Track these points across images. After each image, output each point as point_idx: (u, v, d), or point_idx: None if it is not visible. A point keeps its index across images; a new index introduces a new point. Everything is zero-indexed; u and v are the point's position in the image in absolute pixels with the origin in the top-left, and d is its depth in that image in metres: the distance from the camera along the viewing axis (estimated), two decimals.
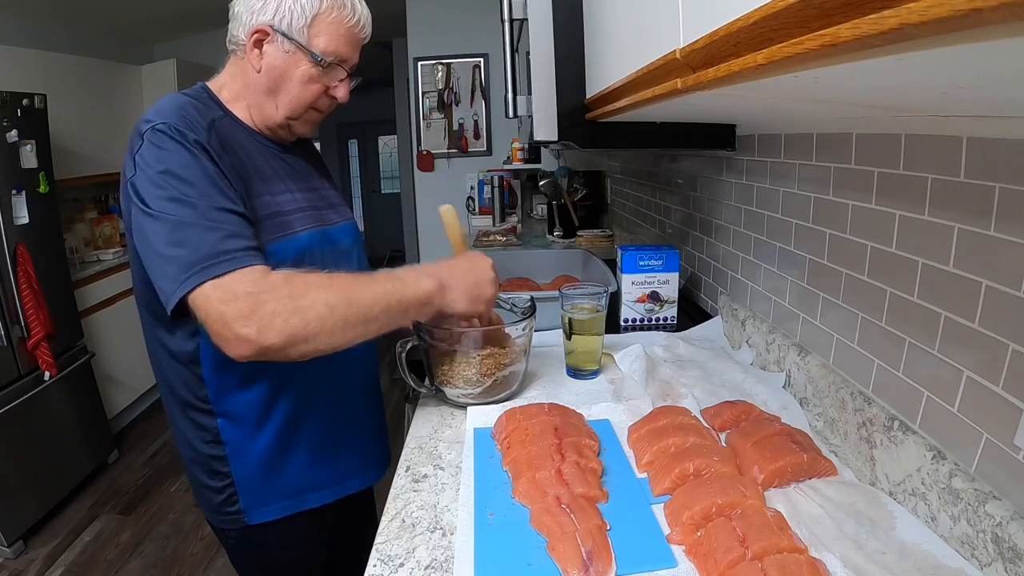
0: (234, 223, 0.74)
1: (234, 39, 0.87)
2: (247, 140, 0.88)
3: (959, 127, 0.61)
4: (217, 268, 0.70)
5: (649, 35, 0.60)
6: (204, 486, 0.92)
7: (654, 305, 1.33)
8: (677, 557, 0.63)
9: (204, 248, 0.70)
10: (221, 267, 0.70)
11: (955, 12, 0.20)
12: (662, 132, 1.08)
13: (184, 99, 0.84)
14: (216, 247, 0.71)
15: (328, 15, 0.84)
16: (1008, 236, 0.56)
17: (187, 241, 0.71)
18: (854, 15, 0.26)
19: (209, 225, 0.72)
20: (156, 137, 0.75)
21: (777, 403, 0.93)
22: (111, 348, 2.92)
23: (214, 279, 0.70)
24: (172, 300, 0.71)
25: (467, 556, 0.64)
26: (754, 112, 0.87)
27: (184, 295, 0.70)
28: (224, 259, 0.70)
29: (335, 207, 1.00)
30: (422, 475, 0.81)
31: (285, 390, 0.90)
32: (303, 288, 0.72)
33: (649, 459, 0.79)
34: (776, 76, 0.39)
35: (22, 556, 2.16)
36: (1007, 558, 0.54)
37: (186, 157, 0.75)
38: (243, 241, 0.73)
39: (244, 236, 0.74)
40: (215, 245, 0.71)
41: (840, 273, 0.86)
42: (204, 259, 0.70)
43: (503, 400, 0.98)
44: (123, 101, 3.38)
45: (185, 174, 0.74)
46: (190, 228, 0.71)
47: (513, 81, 1.18)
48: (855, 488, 0.73)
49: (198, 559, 2.13)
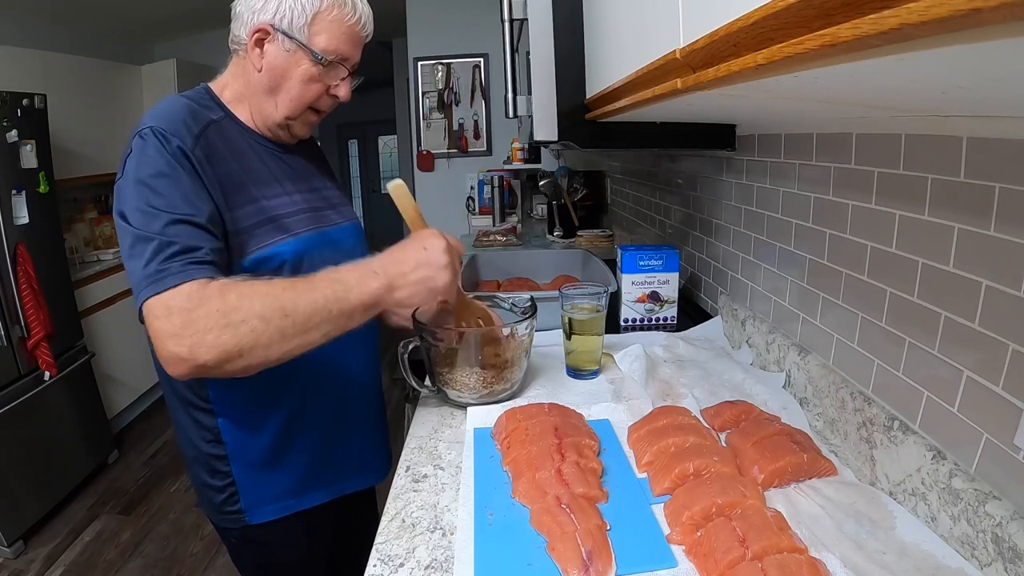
0: (187, 235, 0.73)
1: (236, 39, 0.87)
2: (246, 142, 0.88)
3: (959, 127, 0.61)
4: (158, 284, 0.69)
5: (649, 35, 0.60)
6: (205, 485, 0.92)
7: (654, 305, 1.33)
8: (677, 557, 0.63)
9: (151, 264, 0.70)
10: (162, 283, 0.69)
11: (955, 12, 0.20)
12: (662, 132, 1.08)
13: (183, 101, 0.84)
14: (160, 264, 0.70)
15: (328, 13, 0.84)
16: (1008, 236, 0.56)
17: (141, 255, 0.71)
18: (854, 15, 0.26)
19: (160, 241, 0.71)
20: (140, 143, 0.77)
21: (777, 403, 0.93)
22: (111, 348, 2.92)
23: (156, 295, 0.69)
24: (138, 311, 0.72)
25: (467, 556, 0.64)
26: (754, 112, 0.87)
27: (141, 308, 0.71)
28: (165, 275, 0.70)
29: (337, 207, 1.00)
30: (422, 475, 0.81)
31: (286, 391, 0.90)
32: (236, 301, 0.70)
33: (649, 459, 0.79)
34: (776, 76, 0.39)
35: (22, 556, 2.16)
36: (1007, 558, 0.54)
37: (162, 166, 0.75)
38: (191, 255, 0.72)
39: (192, 248, 0.72)
40: (160, 262, 0.70)
41: (840, 273, 0.86)
42: (151, 275, 0.70)
43: (503, 400, 0.98)
44: (123, 101, 3.38)
45: (156, 184, 0.74)
46: (145, 243, 0.71)
47: (513, 81, 1.18)
48: (855, 488, 0.73)
49: (198, 559, 2.13)
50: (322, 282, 0.75)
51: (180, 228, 0.73)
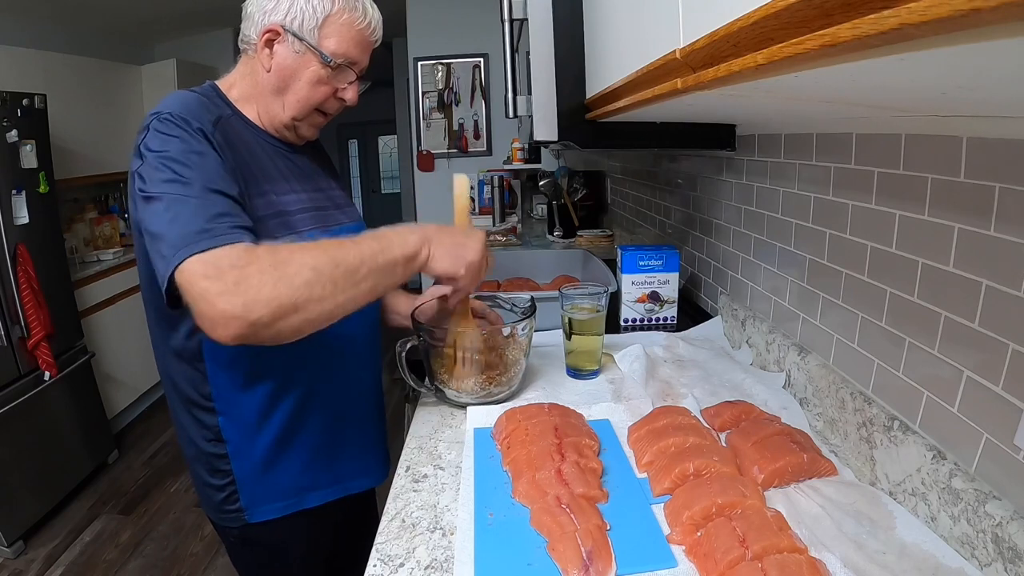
0: (226, 204, 0.73)
1: (246, 38, 0.87)
2: (254, 139, 0.88)
3: (959, 127, 0.61)
4: (203, 243, 0.68)
5: (649, 35, 0.60)
6: (206, 484, 0.92)
7: (654, 305, 1.33)
8: (677, 557, 0.63)
9: (193, 224, 0.69)
10: (207, 242, 0.68)
11: (955, 12, 0.20)
12: (662, 132, 1.08)
13: (192, 95, 0.84)
14: (204, 223, 0.69)
15: (339, 17, 0.84)
16: (1008, 236, 0.56)
17: (179, 217, 0.70)
18: (854, 15, 0.26)
19: (200, 203, 0.71)
20: (161, 125, 0.76)
21: (777, 403, 0.93)
22: (111, 348, 2.92)
23: (199, 254, 0.67)
24: (165, 280, 0.69)
25: (467, 556, 0.64)
26: (754, 112, 0.87)
27: (173, 273, 0.68)
28: (211, 235, 0.69)
29: (342, 208, 1.00)
30: (422, 475, 0.81)
31: (287, 391, 0.90)
32: (287, 255, 0.70)
33: (649, 459, 0.79)
34: (776, 76, 0.39)
35: (22, 556, 2.16)
36: (1007, 558, 0.54)
37: (190, 142, 0.75)
38: (233, 219, 0.72)
39: (234, 215, 0.73)
40: (204, 222, 0.69)
41: (840, 273, 0.86)
42: (193, 235, 0.68)
43: (503, 400, 0.98)
44: (123, 101, 3.38)
45: (185, 159, 0.74)
46: (182, 204, 0.70)
47: (513, 81, 1.18)
48: (855, 488, 0.73)
49: (198, 559, 2.13)
50: (365, 238, 0.78)
51: (216, 196, 0.73)
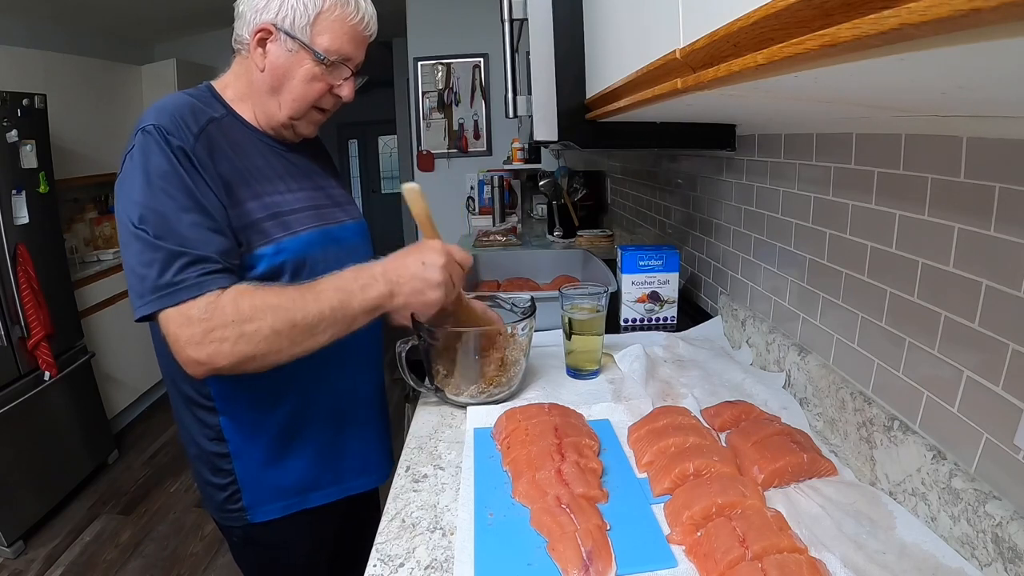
0: (200, 242, 0.76)
1: (239, 38, 0.87)
2: (248, 140, 0.88)
3: (959, 127, 0.61)
4: (176, 296, 0.74)
5: (649, 35, 0.60)
6: (208, 483, 0.93)
7: (654, 305, 1.33)
8: (677, 557, 0.63)
9: (167, 274, 0.74)
10: (179, 295, 0.74)
11: (955, 12, 0.20)
12: (662, 132, 1.08)
13: (185, 98, 0.84)
14: (176, 275, 0.74)
15: (331, 13, 0.84)
16: (1008, 236, 0.56)
17: (151, 264, 0.74)
18: (854, 15, 0.26)
19: (173, 251, 0.74)
20: (142, 140, 0.77)
21: (777, 403, 0.93)
22: (111, 348, 2.92)
23: (173, 307, 0.74)
24: (136, 314, 0.76)
25: (467, 556, 0.64)
26: (754, 112, 0.87)
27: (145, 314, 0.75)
28: (182, 287, 0.74)
29: (342, 206, 1.00)
30: (422, 475, 0.81)
31: (287, 391, 0.90)
32: (250, 313, 0.75)
33: (649, 459, 0.79)
34: (776, 76, 0.39)
35: (22, 556, 2.16)
36: (1007, 558, 0.54)
37: (165, 165, 0.77)
38: (204, 266, 0.75)
39: (205, 260, 0.76)
40: (176, 272, 0.74)
41: (840, 273, 0.86)
42: (166, 286, 0.74)
43: (503, 400, 0.98)
44: (123, 101, 3.38)
45: (161, 184, 0.76)
46: (154, 250, 0.74)
47: (513, 81, 1.18)
48: (855, 488, 0.73)
49: (198, 559, 2.13)
50: (327, 291, 0.79)
51: (189, 233, 0.76)
